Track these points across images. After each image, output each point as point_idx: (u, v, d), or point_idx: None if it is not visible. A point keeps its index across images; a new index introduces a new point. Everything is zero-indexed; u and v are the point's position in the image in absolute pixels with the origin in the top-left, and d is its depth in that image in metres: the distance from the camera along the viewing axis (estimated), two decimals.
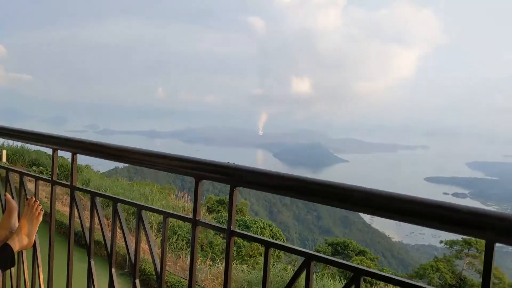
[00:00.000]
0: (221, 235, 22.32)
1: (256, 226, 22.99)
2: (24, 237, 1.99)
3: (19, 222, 2.07)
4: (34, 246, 2.19)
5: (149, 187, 26.47)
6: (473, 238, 27.19)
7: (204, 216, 21.85)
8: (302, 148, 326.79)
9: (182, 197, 26.12)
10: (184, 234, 17.20)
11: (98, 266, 2.22)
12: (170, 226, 16.84)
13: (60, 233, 11.54)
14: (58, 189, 9.67)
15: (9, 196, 2.21)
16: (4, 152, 22.53)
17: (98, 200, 2.13)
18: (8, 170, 2.45)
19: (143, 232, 1.94)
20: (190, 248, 1.77)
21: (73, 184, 2.17)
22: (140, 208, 1.95)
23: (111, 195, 2.05)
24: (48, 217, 2.32)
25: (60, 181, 2.27)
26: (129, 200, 2.06)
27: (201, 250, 17.55)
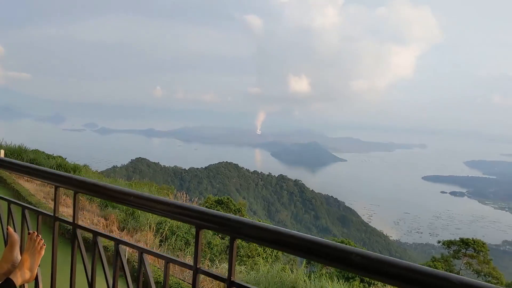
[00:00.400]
0: (219, 235, 22.24)
1: None
2: (26, 271, 2.01)
3: (21, 255, 2.09)
4: (36, 279, 2.21)
5: (147, 187, 26.38)
6: (470, 238, 27.31)
7: None
8: (300, 147, 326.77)
9: (181, 197, 25.96)
10: (182, 235, 17.14)
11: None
12: (169, 227, 16.84)
13: (59, 234, 11.47)
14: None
15: (11, 229, 2.23)
16: (2, 151, 22.37)
17: (100, 240, 2.14)
18: (10, 202, 2.45)
19: (146, 276, 1.94)
20: None
21: (75, 222, 2.18)
22: (141, 251, 1.95)
23: (114, 236, 2.06)
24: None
25: (63, 218, 2.28)
26: (131, 243, 2.07)
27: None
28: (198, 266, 1.72)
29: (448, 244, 27.33)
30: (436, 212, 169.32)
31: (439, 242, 29.76)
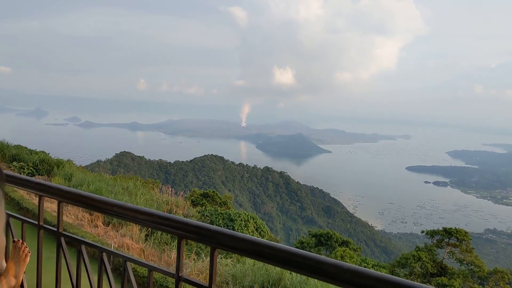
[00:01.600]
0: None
1: (240, 219, 22.85)
2: (12, 278, 2.01)
3: (6, 263, 2.09)
4: (22, 286, 2.22)
5: (132, 181, 26.08)
6: (453, 227, 27.78)
7: (188, 210, 21.75)
8: (285, 139, 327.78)
9: (166, 191, 25.78)
10: None
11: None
12: None
13: (45, 236, 11.36)
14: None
15: None
16: None
17: (84, 248, 2.16)
18: None
19: (130, 283, 1.97)
20: None
21: (59, 230, 2.20)
22: (125, 259, 1.98)
23: (98, 245, 2.08)
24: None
25: (47, 226, 2.29)
26: (115, 251, 2.09)
27: (186, 244, 17.45)
28: (180, 274, 1.78)
29: (432, 233, 27.69)
30: (420, 202, 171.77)
31: (422, 231, 30.12)
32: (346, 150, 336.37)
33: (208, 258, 11.95)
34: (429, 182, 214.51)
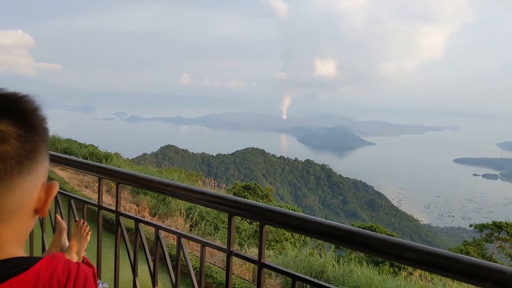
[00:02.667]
0: (247, 220, 22.60)
1: None
2: (74, 255, 2.18)
3: (69, 241, 2.27)
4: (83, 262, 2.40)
5: (177, 174, 26.78)
6: (504, 221, 26.71)
7: None
8: (327, 131, 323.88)
9: (209, 183, 26.30)
10: (211, 220, 17.43)
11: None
12: (198, 212, 17.19)
13: (93, 220, 11.91)
14: (89, 177, 9.96)
15: (59, 217, 2.41)
16: None
17: (141, 226, 2.31)
18: (57, 193, 2.61)
19: (184, 262, 2.10)
20: (225, 277, 1.92)
21: (118, 210, 2.36)
22: (179, 236, 2.12)
23: (153, 222, 2.23)
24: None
25: (106, 206, 2.47)
26: (170, 228, 2.24)
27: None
28: (231, 249, 1.88)
29: (481, 227, 26.81)
30: (468, 195, 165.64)
31: (471, 225, 29.19)
32: (390, 142, 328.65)
33: (251, 250, 12.14)
34: (478, 175, 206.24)
